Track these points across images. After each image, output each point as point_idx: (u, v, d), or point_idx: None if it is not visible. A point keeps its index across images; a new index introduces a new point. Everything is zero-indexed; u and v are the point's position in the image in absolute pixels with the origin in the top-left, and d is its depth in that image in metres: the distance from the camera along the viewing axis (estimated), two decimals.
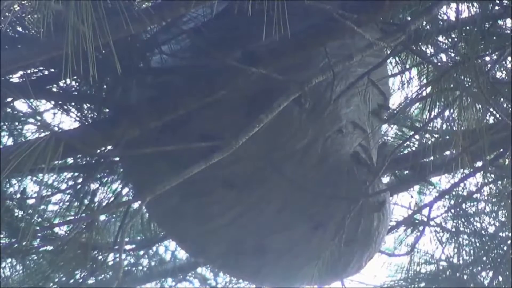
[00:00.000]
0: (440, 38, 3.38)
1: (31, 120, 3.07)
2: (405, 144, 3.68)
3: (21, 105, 3.03)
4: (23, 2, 2.28)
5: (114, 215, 3.52)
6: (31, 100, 2.95)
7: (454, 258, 3.83)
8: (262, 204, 2.90)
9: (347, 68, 2.98)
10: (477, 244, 3.78)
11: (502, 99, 3.00)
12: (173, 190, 2.57)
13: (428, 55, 3.38)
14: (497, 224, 3.82)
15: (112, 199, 3.36)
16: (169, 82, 2.95)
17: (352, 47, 2.93)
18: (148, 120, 2.82)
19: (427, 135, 3.57)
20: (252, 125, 2.55)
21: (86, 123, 3.00)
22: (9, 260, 3.14)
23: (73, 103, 3.01)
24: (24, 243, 2.89)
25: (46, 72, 2.92)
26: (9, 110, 3.01)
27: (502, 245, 3.78)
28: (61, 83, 3.00)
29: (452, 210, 3.83)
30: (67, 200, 3.36)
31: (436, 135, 3.49)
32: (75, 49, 2.12)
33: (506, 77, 3.17)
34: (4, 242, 3.02)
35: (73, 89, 3.05)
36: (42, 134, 2.56)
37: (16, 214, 3.08)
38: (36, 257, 3.18)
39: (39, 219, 3.24)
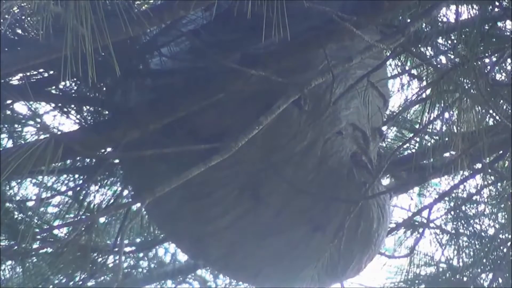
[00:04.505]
0: (440, 40, 3.38)
1: (31, 122, 3.06)
2: (404, 146, 3.68)
3: (20, 107, 3.03)
4: (22, 4, 2.27)
5: (113, 217, 3.52)
6: (31, 102, 2.95)
7: (454, 260, 3.83)
8: (261, 206, 2.90)
9: (347, 70, 2.98)
10: (477, 246, 3.77)
11: (501, 101, 3.00)
12: (172, 192, 2.57)
13: (428, 57, 3.38)
14: (497, 226, 3.82)
15: (111, 201, 3.36)
16: (168, 84, 2.96)
17: (352, 49, 2.93)
18: (148, 122, 2.82)
19: (426, 137, 3.57)
20: (252, 127, 2.56)
21: (86, 125, 3.00)
22: (9, 262, 3.14)
23: (72, 105, 3.01)
24: (24, 245, 2.88)
25: (46, 74, 2.92)
26: (8, 112, 3.00)
27: (502, 247, 3.78)
28: (60, 85, 3.00)
29: (452, 212, 3.82)
30: (67, 202, 3.36)
31: (436, 137, 3.49)
32: (75, 51, 2.12)
33: (506, 79, 3.17)
34: (4, 244, 3.02)
35: (73, 91, 3.05)
36: (42, 136, 2.56)
37: (15, 216, 3.08)
38: (35, 259, 3.17)
39: (39, 221, 3.24)
